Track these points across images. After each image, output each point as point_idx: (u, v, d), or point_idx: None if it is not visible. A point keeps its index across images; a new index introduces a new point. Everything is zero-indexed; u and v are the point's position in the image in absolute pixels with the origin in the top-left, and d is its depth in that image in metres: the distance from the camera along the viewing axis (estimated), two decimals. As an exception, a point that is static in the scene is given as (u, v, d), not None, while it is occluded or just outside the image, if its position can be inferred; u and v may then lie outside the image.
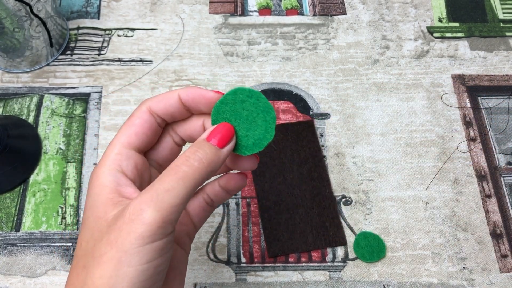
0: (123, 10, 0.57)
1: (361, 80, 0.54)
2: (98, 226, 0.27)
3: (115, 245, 0.25)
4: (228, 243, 0.45)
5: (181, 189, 0.26)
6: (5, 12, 0.46)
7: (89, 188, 0.29)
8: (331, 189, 0.47)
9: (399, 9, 0.59)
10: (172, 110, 0.30)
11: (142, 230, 0.25)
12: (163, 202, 0.25)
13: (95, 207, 0.27)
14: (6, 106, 0.51)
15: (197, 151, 0.27)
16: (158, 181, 0.26)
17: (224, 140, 0.29)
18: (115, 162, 0.29)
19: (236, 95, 0.30)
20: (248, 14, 0.58)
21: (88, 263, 0.26)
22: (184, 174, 0.26)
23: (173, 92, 0.30)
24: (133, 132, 0.30)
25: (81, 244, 0.27)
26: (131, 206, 0.26)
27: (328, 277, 0.44)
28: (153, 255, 0.25)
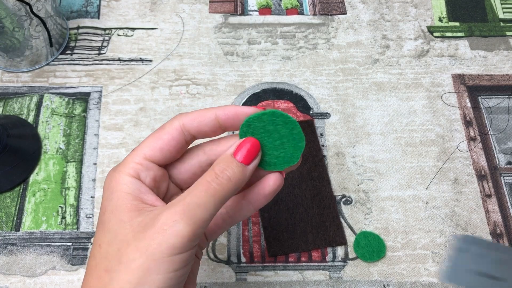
0: (123, 9, 0.57)
1: (361, 80, 0.54)
2: (123, 230, 0.27)
3: (145, 253, 0.26)
4: (228, 242, 0.45)
5: (211, 205, 0.27)
6: (5, 12, 0.46)
7: (109, 192, 0.29)
8: (331, 188, 0.47)
9: (399, 9, 0.59)
10: (206, 129, 0.31)
11: (174, 241, 0.26)
12: (195, 216, 0.26)
13: (118, 212, 0.28)
14: (6, 105, 0.51)
15: (226, 170, 0.29)
16: (190, 195, 0.27)
17: (250, 156, 0.30)
18: (135, 171, 0.29)
19: (274, 116, 0.30)
20: (248, 13, 0.58)
21: (113, 267, 0.27)
22: (215, 192, 0.28)
23: (209, 110, 0.31)
24: (158, 147, 0.30)
25: (100, 246, 0.28)
26: (163, 216, 0.26)
27: (328, 276, 0.44)
28: (180, 265, 0.26)
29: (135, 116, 0.51)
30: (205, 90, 0.53)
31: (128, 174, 0.29)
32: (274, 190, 0.31)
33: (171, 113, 0.51)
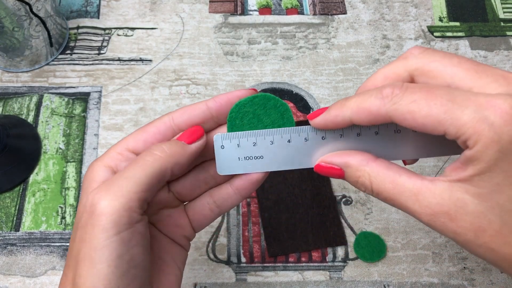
0: (122, 9, 0.57)
1: (361, 80, 0.54)
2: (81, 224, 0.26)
3: (84, 242, 0.25)
4: (228, 243, 0.45)
5: (140, 176, 0.26)
6: (4, 12, 0.46)
7: (83, 181, 0.28)
8: (331, 188, 0.47)
9: (400, 9, 0.59)
10: (197, 120, 0.30)
11: (104, 221, 0.24)
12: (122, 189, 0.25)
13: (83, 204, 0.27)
14: (5, 105, 0.51)
15: (162, 144, 0.28)
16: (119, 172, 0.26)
17: (191, 137, 0.29)
18: (113, 161, 0.28)
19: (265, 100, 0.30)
20: (248, 13, 0.58)
21: (72, 263, 0.26)
22: (144, 162, 0.26)
23: (200, 102, 0.30)
24: (142, 139, 0.29)
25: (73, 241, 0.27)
26: (89, 197, 0.25)
27: (328, 277, 0.44)
28: (122, 248, 0.24)
29: (135, 116, 0.51)
30: (205, 90, 0.52)
31: (105, 164, 0.28)
32: (262, 177, 0.31)
33: (171, 113, 0.51)
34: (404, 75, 0.27)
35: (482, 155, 0.23)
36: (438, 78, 0.26)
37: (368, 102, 0.26)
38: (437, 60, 0.26)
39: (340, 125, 0.27)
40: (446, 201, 0.24)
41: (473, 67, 0.25)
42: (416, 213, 0.25)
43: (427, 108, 0.23)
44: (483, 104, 0.23)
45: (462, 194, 0.24)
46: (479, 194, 0.24)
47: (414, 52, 0.27)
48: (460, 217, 0.24)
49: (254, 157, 0.30)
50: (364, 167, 0.27)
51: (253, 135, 0.30)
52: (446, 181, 0.25)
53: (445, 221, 0.24)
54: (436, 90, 0.24)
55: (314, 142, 0.30)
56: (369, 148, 0.29)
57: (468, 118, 0.23)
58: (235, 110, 0.30)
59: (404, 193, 0.26)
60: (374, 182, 0.27)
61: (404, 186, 0.26)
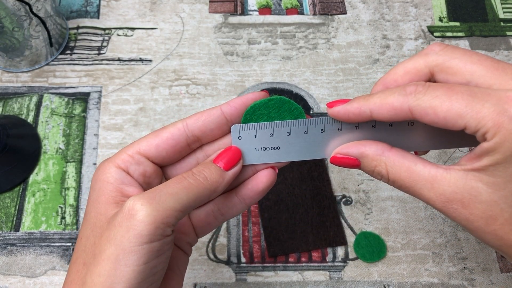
0: (122, 9, 0.57)
1: (361, 80, 0.54)
2: (99, 223, 0.27)
3: (114, 242, 0.25)
4: (228, 243, 0.45)
5: (183, 196, 0.26)
6: (4, 12, 0.45)
7: (93, 182, 0.29)
8: (331, 188, 0.47)
9: (400, 9, 0.59)
10: (212, 126, 0.30)
11: (141, 228, 0.25)
12: (164, 204, 0.25)
13: (97, 202, 0.27)
14: (5, 105, 0.51)
15: (203, 170, 0.28)
16: (163, 185, 0.27)
17: (230, 163, 0.29)
18: (124, 163, 0.29)
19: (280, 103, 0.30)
20: (248, 13, 0.58)
21: (88, 260, 0.26)
22: (189, 185, 0.27)
23: (214, 107, 0.30)
24: (154, 143, 0.29)
25: (81, 239, 0.27)
26: (130, 200, 0.25)
27: (328, 277, 0.44)
28: (150, 256, 0.25)
29: (134, 116, 0.51)
30: (205, 90, 0.52)
31: (116, 165, 0.28)
32: (267, 187, 0.31)
33: (171, 113, 0.51)
34: (424, 70, 0.27)
35: (500, 147, 0.23)
36: (458, 75, 0.26)
37: (391, 98, 0.26)
38: (458, 57, 0.26)
39: (360, 118, 0.28)
40: (460, 189, 0.25)
41: (493, 65, 0.26)
42: (431, 200, 0.26)
43: (448, 103, 0.24)
44: (502, 98, 0.23)
45: (476, 182, 0.25)
46: (493, 183, 0.24)
47: (434, 48, 0.27)
48: (473, 205, 0.25)
49: (271, 147, 0.31)
50: (380, 157, 0.28)
51: (270, 126, 0.30)
52: (460, 170, 0.25)
53: (458, 208, 0.25)
54: (457, 87, 0.25)
55: (330, 133, 0.30)
56: (383, 140, 0.29)
57: (488, 111, 0.23)
58: (250, 112, 0.30)
59: (420, 181, 0.27)
60: (390, 171, 0.28)
61: (419, 174, 0.27)
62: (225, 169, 0.29)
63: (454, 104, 0.24)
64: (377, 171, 0.28)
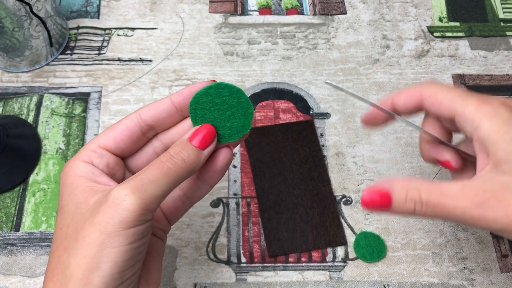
0: (123, 9, 0.57)
1: (361, 80, 0.54)
2: (80, 211, 0.28)
3: (98, 228, 0.27)
4: (228, 243, 0.45)
5: (164, 182, 0.28)
6: (4, 12, 0.46)
7: (63, 178, 0.30)
8: (331, 188, 0.47)
9: (400, 9, 0.59)
10: (163, 115, 0.32)
11: (126, 215, 0.27)
12: (147, 191, 0.27)
13: (74, 194, 0.29)
14: (5, 105, 0.51)
15: (181, 152, 0.30)
16: (143, 172, 0.28)
17: (206, 142, 0.31)
18: (88, 157, 0.31)
19: (219, 88, 0.31)
20: (248, 13, 0.58)
21: (70, 245, 0.27)
22: (168, 170, 0.29)
23: (165, 98, 0.32)
24: (112, 136, 0.31)
25: (60, 229, 0.29)
26: (115, 190, 0.27)
27: (328, 277, 0.44)
28: (135, 238, 0.27)
29: (135, 116, 0.51)
30: (205, 90, 0.52)
31: (82, 160, 0.30)
32: (226, 165, 0.33)
33: (171, 113, 0.51)
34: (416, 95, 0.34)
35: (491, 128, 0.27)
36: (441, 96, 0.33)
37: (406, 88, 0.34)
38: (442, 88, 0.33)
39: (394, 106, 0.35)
40: (491, 186, 0.27)
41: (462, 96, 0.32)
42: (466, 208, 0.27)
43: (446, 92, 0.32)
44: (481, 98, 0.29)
45: (503, 176, 0.27)
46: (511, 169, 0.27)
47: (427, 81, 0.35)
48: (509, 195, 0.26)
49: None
50: (409, 183, 0.30)
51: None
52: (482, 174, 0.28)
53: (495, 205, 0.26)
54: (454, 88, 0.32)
55: None
56: None
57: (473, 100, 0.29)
58: (194, 102, 0.31)
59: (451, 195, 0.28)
60: (422, 192, 0.29)
61: (449, 189, 0.29)
62: (200, 148, 0.30)
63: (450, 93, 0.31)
64: (410, 196, 0.29)
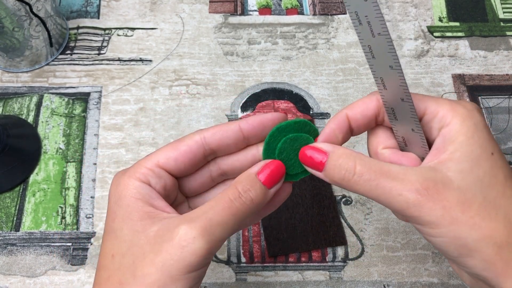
0: (123, 9, 0.57)
1: (361, 80, 0.54)
2: (138, 242, 0.26)
3: (160, 269, 0.25)
4: (228, 243, 0.45)
5: (231, 224, 0.27)
6: (4, 12, 0.46)
7: (116, 197, 0.28)
8: (331, 188, 0.47)
9: (399, 9, 0.59)
10: (228, 141, 0.30)
11: (192, 259, 0.25)
12: (215, 235, 0.26)
13: (130, 220, 0.27)
14: (5, 105, 0.51)
15: (250, 191, 0.28)
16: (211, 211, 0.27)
17: (274, 180, 0.29)
18: (145, 177, 0.28)
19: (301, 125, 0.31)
20: (248, 13, 0.58)
21: (127, 280, 0.26)
22: (237, 211, 0.27)
23: (232, 123, 0.30)
24: (173, 156, 0.29)
25: (113, 256, 0.27)
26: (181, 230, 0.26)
27: (328, 277, 0.44)
28: (195, 281, 0.26)
29: (135, 116, 0.51)
30: (205, 90, 0.52)
31: (138, 179, 0.28)
32: (284, 199, 0.32)
33: (171, 113, 0.51)
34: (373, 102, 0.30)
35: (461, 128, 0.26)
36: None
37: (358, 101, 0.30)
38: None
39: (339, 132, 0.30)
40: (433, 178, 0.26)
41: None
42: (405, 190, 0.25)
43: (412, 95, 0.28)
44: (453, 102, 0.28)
45: (446, 172, 0.26)
46: (461, 169, 0.25)
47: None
48: (448, 192, 0.25)
49: None
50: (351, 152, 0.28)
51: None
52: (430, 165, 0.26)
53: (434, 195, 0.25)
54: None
55: None
56: None
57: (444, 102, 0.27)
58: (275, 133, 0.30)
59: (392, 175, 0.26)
60: (359, 163, 0.27)
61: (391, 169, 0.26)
62: (268, 185, 0.29)
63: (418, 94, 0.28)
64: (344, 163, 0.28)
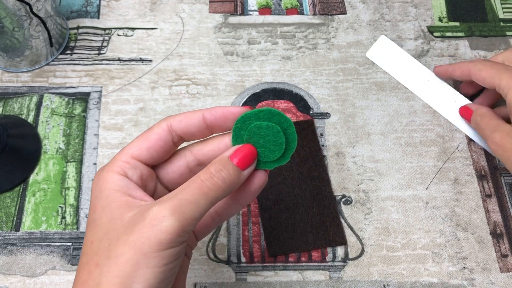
0: (123, 9, 0.57)
1: (361, 80, 0.54)
2: (114, 226, 0.28)
3: (133, 247, 0.26)
4: (228, 242, 0.45)
5: (203, 203, 0.28)
6: (4, 12, 0.46)
7: (97, 191, 0.29)
8: (331, 188, 0.47)
9: (399, 9, 0.59)
10: (193, 129, 0.31)
11: (163, 237, 0.26)
12: (185, 213, 0.27)
13: (109, 209, 0.28)
14: (6, 105, 0.51)
15: (222, 170, 0.29)
16: (182, 191, 0.28)
17: (247, 162, 0.30)
18: (122, 169, 0.30)
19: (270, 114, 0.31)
20: (248, 13, 0.58)
21: (102, 261, 0.27)
22: (208, 190, 0.28)
23: (197, 112, 0.31)
24: (145, 146, 0.31)
25: (91, 242, 0.28)
26: (152, 211, 0.27)
27: (328, 276, 0.44)
28: (169, 259, 0.27)
29: (135, 116, 0.51)
30: (205, 90, 0.52)
31: (116, 172, 0.29)
32: (260, 187, 0.32)
33: (171, 113, 0.51)
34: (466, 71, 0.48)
35: None
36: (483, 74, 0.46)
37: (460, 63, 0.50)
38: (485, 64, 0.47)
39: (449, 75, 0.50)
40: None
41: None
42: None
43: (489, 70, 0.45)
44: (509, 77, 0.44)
45: None
46: None
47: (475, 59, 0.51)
48: None
49: None
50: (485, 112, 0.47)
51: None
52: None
53: None
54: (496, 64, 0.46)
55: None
56: None
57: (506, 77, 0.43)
58: (240, 122, 0.31)
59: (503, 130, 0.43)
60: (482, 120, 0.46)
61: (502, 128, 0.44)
62: (241, 167, 0.30)
63: (490, 71, 0.45)
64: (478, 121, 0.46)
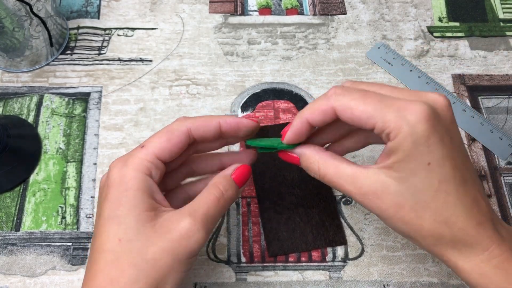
0: (123, 9, 0.57)
1: (361, 80, 0.54)
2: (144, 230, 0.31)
3: (171, 255, 0.30)
4: (228, 242, 0.45)
5: (218, 218, 0.33)
6: (5, 12, 0.46)
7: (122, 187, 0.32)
8: (331, 188, 0.47)
9: (399, 9, 0.59)
10: (209, 135, 0.35)
11: (195, 247, 0.31)
12: (209, 227, 0.32)
13: (136, 210, 0.31)
14: (6, 105, 0.51)
15: (228, 190, 0.34)
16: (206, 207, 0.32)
17: (244, 180, 0.35)
18: (148, 169, 0.32)
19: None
20: (248, 13, 0.58)
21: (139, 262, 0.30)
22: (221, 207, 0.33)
23: (213, 119, 0.35)
24: (168, 147, 0.33)
25: (120, 240, 0.30)
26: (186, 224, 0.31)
27: (328, 276, 0.44)
28: (192, 265, 0.32)
29: (135, 116, 0.51)
30: (205, 90, 0.53)
31: (141, 171, 0.32)
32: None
33: (171, 113, 0.51)
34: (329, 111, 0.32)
35: (401, 146, 0.29)
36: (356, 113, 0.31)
37: (317, 104, 0.32)
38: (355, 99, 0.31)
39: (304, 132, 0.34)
40: (374, 183, 0.31)
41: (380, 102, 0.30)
42: (352, 193, 0.32)
43: (362, 106, 0.30)
44: (402, 106, 0.29)
45: (386, 177, 0.30)
46: (399, 177, 0.30)
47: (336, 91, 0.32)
48: (384, 195, 0.30)
49: None
50: (314, 156, 0.34)
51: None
52: (375, 168, 0.31)
53: (373, 199, 0.31)
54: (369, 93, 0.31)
55: None
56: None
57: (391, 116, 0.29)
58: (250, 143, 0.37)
59: (343, 177, 0.32)
60: (321, 167, 0.33)
61: (344, 171, 0.32)
62: (239, 185, 0.35)
63: (367, 107, 0.30)
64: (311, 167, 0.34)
